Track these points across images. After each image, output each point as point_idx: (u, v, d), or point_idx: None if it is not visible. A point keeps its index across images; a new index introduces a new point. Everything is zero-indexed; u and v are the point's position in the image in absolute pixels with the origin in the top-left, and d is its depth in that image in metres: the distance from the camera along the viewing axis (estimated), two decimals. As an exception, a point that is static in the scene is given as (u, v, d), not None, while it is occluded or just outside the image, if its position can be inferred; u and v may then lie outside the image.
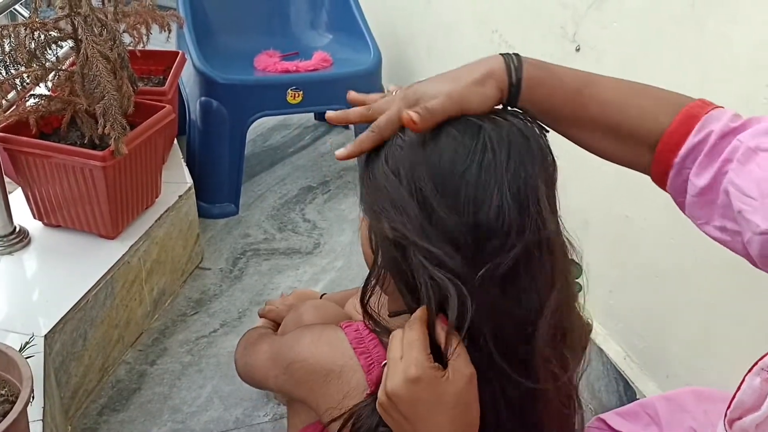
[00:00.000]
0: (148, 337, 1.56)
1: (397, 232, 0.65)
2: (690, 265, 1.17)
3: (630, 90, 0.72)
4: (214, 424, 1.35)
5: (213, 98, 1.92)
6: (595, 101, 0.71)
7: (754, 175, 0.60)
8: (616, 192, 1.32)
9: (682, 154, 0.66)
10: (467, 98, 0.67)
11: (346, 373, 0.81)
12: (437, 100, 0.66)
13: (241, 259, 1.86)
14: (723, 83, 1.05)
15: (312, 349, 0.84)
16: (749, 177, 0.60)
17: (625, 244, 1.33)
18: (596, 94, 0.71)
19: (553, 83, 0.70)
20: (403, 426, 0.66)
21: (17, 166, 1.37)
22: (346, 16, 2.26)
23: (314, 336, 0.86)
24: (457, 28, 1.98)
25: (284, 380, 0.89)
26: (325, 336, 0.85)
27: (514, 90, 0.69)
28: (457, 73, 0.69)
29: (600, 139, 0.72)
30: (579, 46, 1.37)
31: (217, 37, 2.23)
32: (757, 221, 0.58)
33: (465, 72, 0.69)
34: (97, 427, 1.33)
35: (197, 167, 1.96)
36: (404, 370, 0.64)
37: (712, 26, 1.06)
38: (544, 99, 0.70)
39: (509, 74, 0.69)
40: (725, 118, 0.65)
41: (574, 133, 0.73)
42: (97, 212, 1.40)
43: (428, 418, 0.64)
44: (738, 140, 0.63)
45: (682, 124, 0.67)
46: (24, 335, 1.14)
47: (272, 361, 0.95)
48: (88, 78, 1.27)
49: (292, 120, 2.63)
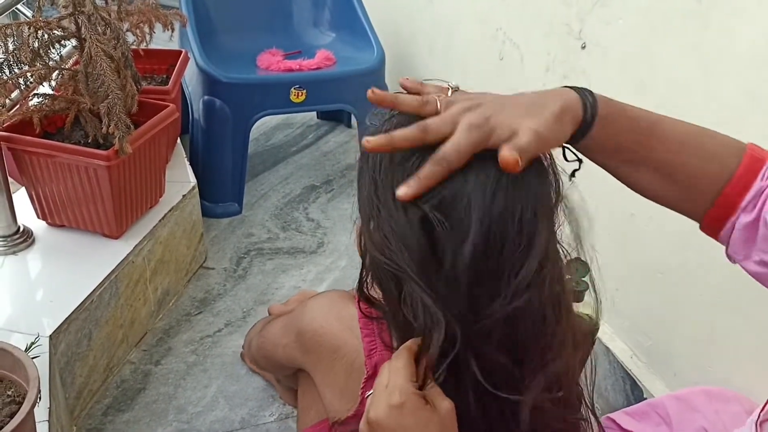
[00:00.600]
0: (152, 336, 1.56)
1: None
2: (696, 263, 1.16)
3: (696, 131, 0.70)
4: (219, 424, 1.35)
5: (216, 97, 1.91)
6: (663, 142, 0.69)
7: None
8: (621, 190, 1.32)
9: (749, 197, 0.66)
10: (550, 138, 0.63)
11: (350, 352, 0.81)
12: (527, 139, 0.61)
13: (245, 258, 1.85)
14: (728, 78, 1.05)
15: (322, 322, 0.83)
16: None
17: (630, 242, 1.33)
18: (664, 135, 0.69)
19: (623, 122, 0.68)
20: None
21: (21, 165, 1.37)
22: (348, 14, 2.26)
23: (326, 306, 0.85)
24: (459, 26, 1.97)
25: (294, 347, 0.89)
26: (336, 308, 0.85)
27: (586, 127, 0.66)
28: (533, 102, 0.65)
29: (659, 180, 0.71)
30: (585, 44, 1.37)
31: (220, 35, 2.22)
32: None
33: (541, 102, 0.65)
34: (102, 427, 1.33)
35: (200, 166, 1.96)
36: (388, 396, 0.62)
37: (717, 21, 1.05)
38: (613, 137, 0.68)
39: (585, 110, 0.65)
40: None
41: (630, 172, 0.72)
42: (101, 212, 1.39)
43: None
44: None
45: (749, 168, 0.66)
46: (29, 335, 1.14)
47: (284, 329, 0.96)
48: (91, 77, 1.27)
49: (295, 119, 2.63)
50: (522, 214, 0.62)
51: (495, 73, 1.75)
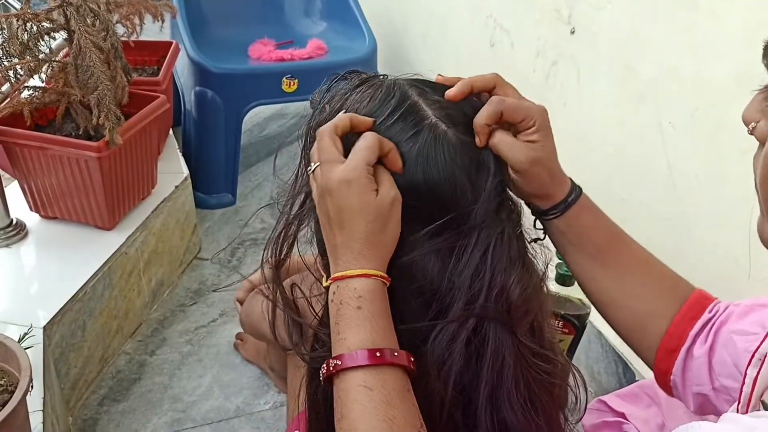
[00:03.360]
0: (147, 327, 1.56)
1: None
2: (685, 247, 1.17)
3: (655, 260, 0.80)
4: (214, 413, 1.36)
5: (208, 88, 1.91)
6: (630, 247, 0.80)
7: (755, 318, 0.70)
8: (613, 175, 1.32)
9: (698, 327, 0.74)
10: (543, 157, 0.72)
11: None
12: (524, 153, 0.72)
13: (239, 249, 1.86)
14: (716, 62, 1.05)
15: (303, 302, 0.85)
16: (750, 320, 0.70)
17: (621, 225, 1.33)
18: (630, 244, 0.80)
19: (600, 214, 0.79)
20: (329, 221, 0.68)
21: (12, 158, 1.37)
22: (340, 3, 2.26)
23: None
24: (451, 14, 1.97)
25: (278, 324, 0.90)
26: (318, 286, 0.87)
27: (564, 205, 0.75)
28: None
29: (628, 283, 0.78)
30: (574, 29, 1.37)
31: (211, 26, 2.22)
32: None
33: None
34: (97, 417, 1.33)
35: (193, 158, 1.96)
36: (342, 170, 0.66)
37: (706, 4, 1.05)
38: (588, 224, 0.77)
39: (573, 187, 0.76)
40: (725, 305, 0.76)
41: (597, 270, 0.78)
42: (94, 203, 1.40)
43: (349, 220, 0.66)
44: (734, 305, 0.74)
45: (697, 301, 0.76)
46: (23, 327, 1.14)
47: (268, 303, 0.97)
48: (81, 69, 1.27)
49: (288, 109, 2.63)
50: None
51: (486, 60, 1.75)
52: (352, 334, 0.64)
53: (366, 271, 0.66)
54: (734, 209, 1.04)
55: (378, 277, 0.66)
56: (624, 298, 0.77)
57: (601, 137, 1.35)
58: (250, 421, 1.34)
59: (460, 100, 0.71)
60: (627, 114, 1.27)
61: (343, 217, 0.66)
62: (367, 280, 0.66)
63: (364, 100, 0.73)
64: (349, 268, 0.66)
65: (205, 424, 1.33)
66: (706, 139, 1.09)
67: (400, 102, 0.70)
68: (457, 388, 0.69)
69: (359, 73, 0.80)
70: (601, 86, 1.33)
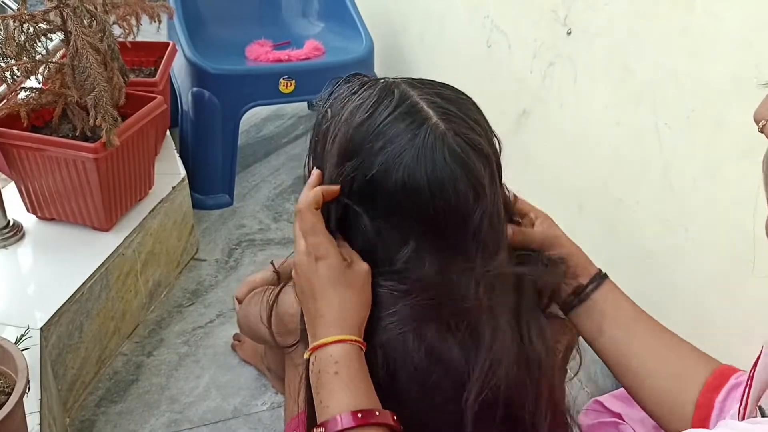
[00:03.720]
0: (144, 328, 1.56)
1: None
2: (683, 247, 1.17)
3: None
4: (212, 413, 1.36)
5: (205, 89, 1.91)
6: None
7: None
8: (610, 176, 1.32)
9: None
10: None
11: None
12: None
13: (237, 249, 1.86)
14: (713, 63, 1.05)
15: (297, 307, 0.87)
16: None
17: (618, 226, 1.33)
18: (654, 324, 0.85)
19: (625, 297, 0.85)
20: (303, 294, 0.74)
21: (9, 159, 1.37)
22: (337, 4, 2.25)
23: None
24: (449, 15, 1.97)
25: (276, 329, 0.92)
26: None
27: (595, 283, 0.84)
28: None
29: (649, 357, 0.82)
30: (570, 30, 1.37)
31: (208, 27, 2.22)
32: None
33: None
34: (95, 418, 1.33)
35: (191, 158, 1.96)
36: (314, 248, 0.72)
37: (702, 5, 1.06)
38: (615, 303, 0.84)
39: (599, 272, 0.85)
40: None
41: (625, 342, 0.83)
42: (91, 204, 1.39)
43: (323, 291, 0.70)
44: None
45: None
46: (20, 328, 1.14)
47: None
48: (78, 70, 1.27)
49: (285, 110, 2.63)
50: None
51: (483, 61, 1.75)
52: (334, 400, 0.66)
53: (341, 337, 0.68)
54: (731, 210, 1.04)
55: (353, 341, 0.69)
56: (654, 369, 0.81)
57: (598, 138, 1.35)
58: (248, 421, 1.34)
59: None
60: (624, 115, 1.27)
61: (315, 290, 0.71)
62: (342, 345, 0.68)
63: (365, 101, 0.74)
64: (325, 335, 0.69)
65: (203, 425, 1.33)
66: (702, 140, 1.09)
67: (399, 102, 0.72)
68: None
69: (360, 76, 0.81)
70: (598, 87, 1.33)
